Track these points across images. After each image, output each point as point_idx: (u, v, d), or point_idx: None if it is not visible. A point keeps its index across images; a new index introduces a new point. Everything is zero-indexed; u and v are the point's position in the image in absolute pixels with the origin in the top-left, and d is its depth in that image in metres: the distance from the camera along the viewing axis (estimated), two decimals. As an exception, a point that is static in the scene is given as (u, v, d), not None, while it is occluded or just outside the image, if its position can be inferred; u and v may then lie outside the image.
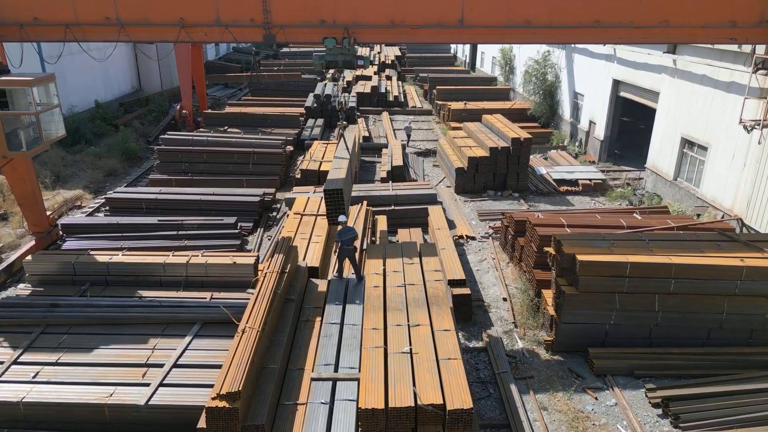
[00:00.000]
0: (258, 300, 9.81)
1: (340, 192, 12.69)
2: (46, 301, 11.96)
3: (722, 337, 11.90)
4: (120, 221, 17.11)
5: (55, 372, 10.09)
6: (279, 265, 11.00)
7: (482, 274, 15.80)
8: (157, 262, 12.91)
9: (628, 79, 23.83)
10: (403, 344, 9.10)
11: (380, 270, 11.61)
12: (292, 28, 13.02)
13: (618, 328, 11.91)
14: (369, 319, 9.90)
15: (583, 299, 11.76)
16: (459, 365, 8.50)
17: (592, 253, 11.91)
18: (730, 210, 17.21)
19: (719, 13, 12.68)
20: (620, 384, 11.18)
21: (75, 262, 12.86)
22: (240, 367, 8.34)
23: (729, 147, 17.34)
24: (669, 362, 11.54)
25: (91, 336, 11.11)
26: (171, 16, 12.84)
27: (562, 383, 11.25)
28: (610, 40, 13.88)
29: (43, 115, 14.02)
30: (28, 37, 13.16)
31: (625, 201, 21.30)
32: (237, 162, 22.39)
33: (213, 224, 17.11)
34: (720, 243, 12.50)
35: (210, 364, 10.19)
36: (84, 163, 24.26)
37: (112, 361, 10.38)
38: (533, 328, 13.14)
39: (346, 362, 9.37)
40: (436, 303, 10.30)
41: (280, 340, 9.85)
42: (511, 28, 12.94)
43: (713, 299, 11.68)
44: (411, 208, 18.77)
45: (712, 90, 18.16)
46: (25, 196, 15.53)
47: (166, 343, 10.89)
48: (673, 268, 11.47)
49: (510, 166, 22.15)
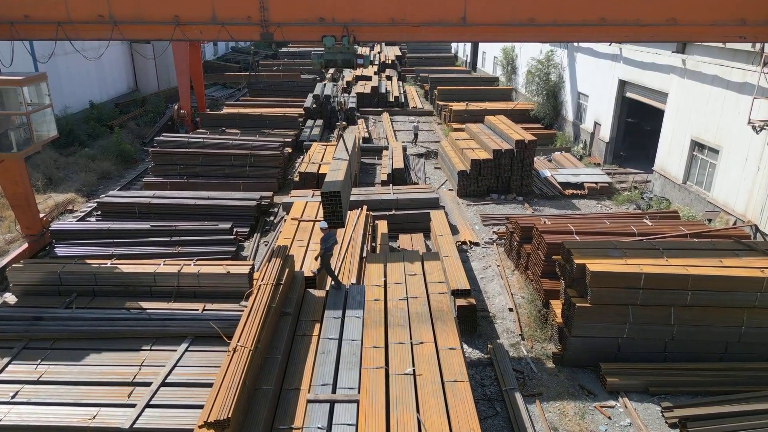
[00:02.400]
0: (251, 315, 9.21)
1: (337, 195, 12.13)
2: (29, 314, 11.37)
3: (741, 352, 11.33)
4: (111, 227, 16.50)
5: (36, 391, 9.51)
6: (274, 277, 10.39)
7: (487, 282, 15.21)
8: (147, 272, 12.32)
9: (634, 80, 23.22)
10: (406, 364, 8.50)
11: (381, 281, 11.01)
12: (290, 26, 12.61)
13: (631, 342, 11.33)
14: (369, 336, 9.28)
15: (595, 312, 11.18)
16: (466, 388, 7.90)
17: (604, 263, 11.33)
18: (743, 215, 16.62)
19: (728, 10, 12.25)
20: (634, 401, 10.61)
21: (61, 272, 12.27)
22: (230, 390, 7.74)
23: (742, 150, 16.75)
24: (685, 378, 10.97)
25: (76, 351, 10.53)
26: (165, 14, 12.43)
27: (573, 401, 10.66)
28: (615, 39, 13.45)
29: (34, 115, 13.76)
30: (19, 36, 12.72)
31: (633, 205, 20.70)
32: (234, 164, 21.88)
33: (207, 230, 16.53)
34: (738, 252, 11.91)
35: (201, 383, 9.63)
36: (77, 166, 23.68)
37: (97, 379, 9.80)
38: (541, 341, 12.55)
39: (345, 382, 8.79)
40: (441, 318, 9.69)
41: (275, 358, 9.25)
42: (514, 26, 12.55)
43: (731, 312, 11.09)
44: (412, 212, 18.18)
45: (723, 91, 17.57)
46: (18, 198, 15.18)
47: (154, 359, 10.32)
48: (690, 279, 10.88)
49: (514, 169, 21.55)
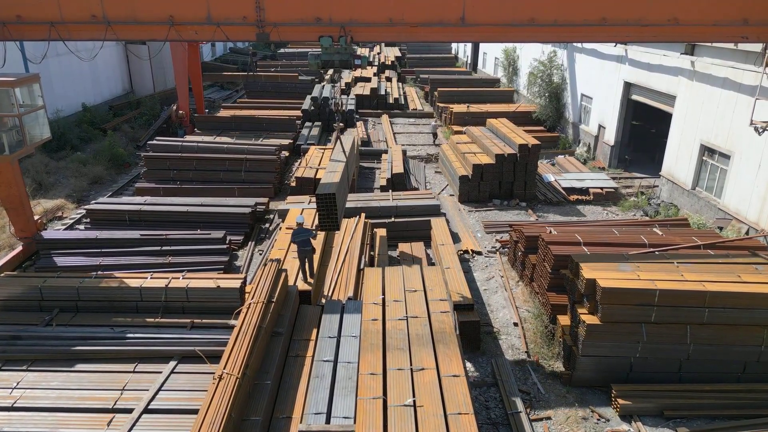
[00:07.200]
0: (239, 338, 8.58)
1: (332, 197, 11.56)
2: (6, 332, 10.72)
3: (760, 372, 10.69)
4: (99, 236, 15.87)
5: (9, 419, 8.88)
6: (265, 295, 9.76)
7: (490, 294, 14.57)
8: (133, 286, 11.66)
9: (640, 82, 22.57)
10: (406, 394, 7.86)
11: (379, 299, 10.35)
12: (287, 26, 12.21)
13: (644, 362, 10.69)
14: (366, 361, 8.63)
15: (606, 330, 10.54)
16: (471, 422, 7.26)
17: (616, 278, 10.69)
18: (756, 224, 15.98)
19: (730, 10, 11.86)
20: (648, 425, 9.98)
21: (42, 287, 11.61)
22: (214, 423, 7.13)
23: (755, 155, 16.12)
24: (702, 401, 10.33)
25: (54, 374, 9.93)
26: (160, 14, 12.07)
27: (584, 426, 10.03)
28: (617, 39, 13.10)
29: (27, 117, 13.60)
30: (11, 36, 12.32)
31: (640, 211, 20.06)
32: (229, 169, 21.27)
33: (199, 239, 15.90)
34: (757, 266, 11.27)
35: (186, 409, 9.00)
36: (68, 171, 23.00)
37: (76, 405, 9.17)
38: (548, 358, 11.91)
39: (340, 410, 8.19)
40: (443, 340, 9.04)
41: (265, 384, 8.64)
42: (514, 26, 12.16)
43: (751, 330, 10.45)
44: (412, 220, 17.55)
45: (735, 94, 16.93)
46: (12, 200, 15.06)
47: (137, 382, 9.69)
48: (707, 295, 10.24)
49: (517, 174, 20.89)
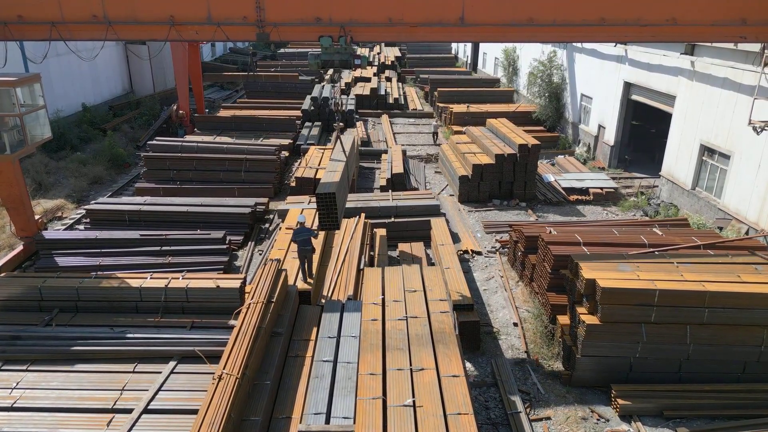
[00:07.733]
0: (239, 338, 8.58)
1: (332, 196, 11.58)
2: (6, 333, 10.72)
3: (760, 372, 10.69)
4: (99, 236, 15.87)
5: (8, 419, 8.88)
6: (264, 295, 9.76)
7: (490, 294, 14.57)
8: (133, 286, 11.67)
9: (640, 82, 22.56)
10: (405, 394, 7.86)
11: (378, 299, 10.35)
12: (287, 26, 12.22)
13: (644, 362, 10.69)
14: (366, 361, 8.64)
15: (605, 330, 10.54)
16: (470, 422, 7.26)
17: (615, 278, 10.69)
18: (756, 224, 15.98)
19: (729, 10, 11.87)
20: (648, 426, 9.98)
21: (42, 287, 11.61)
22: (214, 424, 7.13)
23: (755, 155, 16.11)
24: (702, 401, 10.32)
25: (54, 374, 9.92)
26: (160, 14, 12.08)
27: (584, 427, 10.02)
28: (615, 39, 13.13)
29: (28, 117, 13.60)
30: (12, 36, 12.32)
31: (640, 211, 20.06)
32: (228, 169, 21.27)
33: (199, 239, 15.90)
34: (757, 266, 11.27)
35: (185, 409, 8.99)
36: (68, 171, 22.99)
37: (75, 405, 9.16)
38: (548, 358, 11.91)
39: (340, 410, 8.18)
40: (443, 341, 9.04)
41: (265, 384, 8.64)
42: (513, 26, 12.18)
43: (751, 330, 10.45)
44: (412, 220, 17.55)
45: (735, 94, 16.93)
46: (13, 200, 15.08)
47: (137, 382, 9.68)
48: (707, 296, 10.24)
49: (517, 174, 20.89)
